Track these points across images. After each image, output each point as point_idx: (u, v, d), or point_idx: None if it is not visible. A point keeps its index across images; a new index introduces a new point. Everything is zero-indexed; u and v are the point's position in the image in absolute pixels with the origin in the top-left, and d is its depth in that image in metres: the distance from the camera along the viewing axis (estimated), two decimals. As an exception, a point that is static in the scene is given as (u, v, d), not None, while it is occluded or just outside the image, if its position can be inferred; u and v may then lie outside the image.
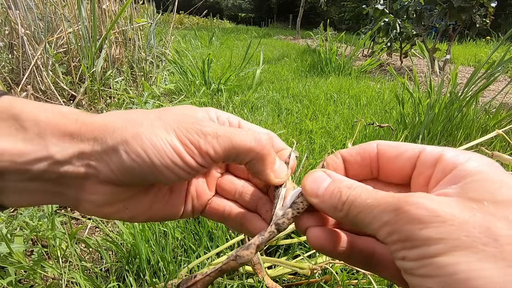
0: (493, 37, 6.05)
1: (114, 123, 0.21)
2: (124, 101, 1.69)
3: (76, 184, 0.21)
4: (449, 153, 0.17)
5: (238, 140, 0.21)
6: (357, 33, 4.39)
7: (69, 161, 0.20)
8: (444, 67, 3.27)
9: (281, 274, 0.62)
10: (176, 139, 0.20)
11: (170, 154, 0.20)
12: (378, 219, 0.16)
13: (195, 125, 0.21)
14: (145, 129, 0.20)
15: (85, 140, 0.20)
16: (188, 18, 8.30)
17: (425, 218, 0.14)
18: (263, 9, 28.77)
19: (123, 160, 0.20)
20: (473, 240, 0.13)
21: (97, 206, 0.22)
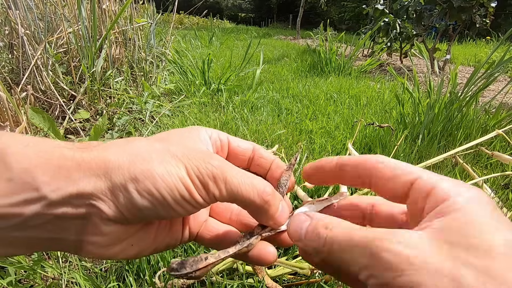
0: (493, 37, 6.05)
1: (118, 158, 0.19)
2: (124, 101, 1.69)
3: (77, 226, 0.19)
4: (443, 184, 0.17)
5: (243, 191, 0.21)
6: (357, 33, 4.39)
7: (67, 202, 0.18)
8: (444, 67, 3.27)
9: (281, 274, 0.62)
10: (187, 176, 0.20)
11: (181, 191, 0.20)
12: (358, 261, 0.16)
13: (205, 163, 0.21)
14: (155, 165, 0.20)
15: (85, 178, 0.19)
16: (188, 18, 8.30)
17: (399, 265, 0.14)
18: (263, 9, 28.77)
19: (133, 198, 0.19)
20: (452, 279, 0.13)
21: (101, 247, 0.20)
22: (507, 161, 0.68)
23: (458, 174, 0.99)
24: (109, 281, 0.62)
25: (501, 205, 0.80)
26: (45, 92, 1.50)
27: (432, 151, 1.20)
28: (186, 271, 0.21)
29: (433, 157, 0.94)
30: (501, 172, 1.05)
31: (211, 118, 1.56)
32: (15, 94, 1.22)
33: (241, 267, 0.61)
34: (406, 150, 1.16)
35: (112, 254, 0.21)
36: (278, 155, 0.89)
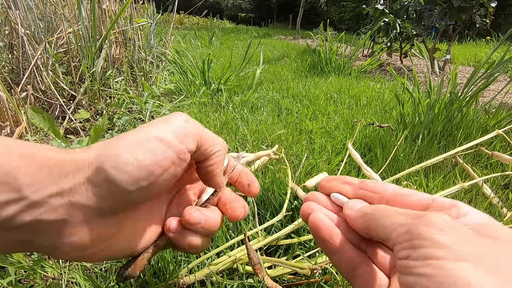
0: (493, 37, 6.05)
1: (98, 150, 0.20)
2: (124, 101, 1.69)
3: (53, 228, 0.18)
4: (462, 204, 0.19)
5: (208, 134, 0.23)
6: (357, 33, 4.38)
7: (46, 201, 0.18)
8: (444, 67, 3.27)
9: (281, 274, 0.62)
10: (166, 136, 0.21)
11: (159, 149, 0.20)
12: (398, 222, 0.17)
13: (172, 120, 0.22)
14: (127, 139, 0.20)
15: (65, 176, 0.19)
16: (188, 18, 8.30)
17: (443, 227, 0.15)
18: (263, 9, 28.76)
19: (115, 179, 0.19)
20: (478, 258, 0.14)
21: (76, 249, 0.19)
22: (507, 161, 0.68)
23: (458, 174, 0.99)
24: (109, 281, 0.62)
25: (501, 205, 0.80)
26: (45, 92, 1.50)
27: (432, 151, 1.20)
28: (122, 271, 0.22)
29: (433, 157, 0.94)
30: (501, 172, 1.05)
31: (211, 118, 1.56)
32: (15, 94, 1.22)
33: (241, 267, 0.61)
34: (406, 150, 1.16)
35: (88, 256, 0.20)
36: (278, 155, 0.89)
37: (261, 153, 0.84)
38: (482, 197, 0.88)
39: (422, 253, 0.15)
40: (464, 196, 0.89)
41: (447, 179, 0.98)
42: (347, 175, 0.26)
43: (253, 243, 0.64)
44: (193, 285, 0.61)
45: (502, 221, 0.75)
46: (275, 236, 0.63)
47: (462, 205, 0.19)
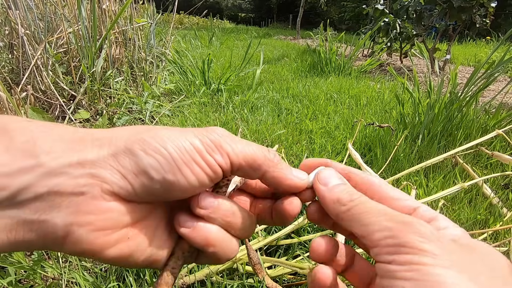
0: (493, 37, 6.05)
1: (123, 131, 0.19)
2: (124, 101, 1.69)
3: (69, 203, 0.17)
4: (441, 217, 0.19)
5: (252, 150, 0.21)
6: (357, 33, 4.38)
7: (64, 171, 0.16)
8: (444, 67, 3.27)
9: (281, 274, 0.62)
10: (196, 138, 0.19)
11: (191, 153, 0.19)
12: (381, 223, 0.17)
13: (212, 131, 0.20)
14: (162, 131, 0.19)
15: (87, 148, 0.17)
16: (188, 18, 8.30)
17: (429, 236, 0.16)
18: (263, 9, 28.77)
19: (139, 159, 0.18)
20: (462, 266, 0.15)
21: (92, 230, 0.17)
22: (507, 161, 0.68)
23: (458, 174, 0.99)
24: (109, 281, 0.62)
25: (501, 205, 0.80)
26: (45, 92, 1.50)
27: (432, 151, 1.20)
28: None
29: (433, 157, 0.94)
30: (501, 172, 1.05)
31: (211, 118, 1.56)
32: (15, 94, 1.22)
33: (241, 267, 0.61)
34: (406, 150, 1.16)
35: (103, 244, 0.18)
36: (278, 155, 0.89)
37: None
38: (482, 197, 0.88)
39: (407, 259, 0.15)
40: (464, 196, 0.89)
41: (447, 179, 0.98)
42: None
43: (253, 243, 0.64)
44: (193, 285, 0.61)
45: (502, 221, 0.75)
46: (275, 236, 0.63)
47: (442, 218, 0.19)
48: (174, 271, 0.21)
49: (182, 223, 0.20)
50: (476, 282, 0.14)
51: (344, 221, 0.19)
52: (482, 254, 0.16)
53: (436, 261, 0.15)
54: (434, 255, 0.15)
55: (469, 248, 0.16)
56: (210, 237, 0.20)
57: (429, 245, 0.15)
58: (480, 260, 0.16)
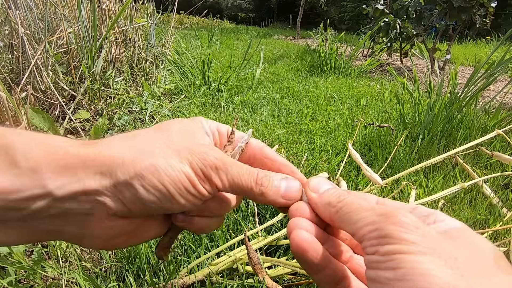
0: (493, 37, 6.05)
1: (122, 154, 0.20)
2: (124, 101, 1.69)
3: (79, 221, 0.20)
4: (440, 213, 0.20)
5: (243, 180, 0.23)
6: (357, 33, 4.38)
7: (72, 198, 0.19)
8: (444, 67, 3.27)
9: (281, 274, 0.62)
10: (191, 170, 0.21)
11: (186, 184, 0.21)
12: (366, 219, 0.18)
13: (207, 156, 0.22)
14: (159, 160, 0.21)
15: (90, 176, 0.19)
16: (188, 18, 8.30)
17: (407, 225, 0.16)
18: (263, 9, 28.76)
19: (139, 194, 0.20)
20: (439, 253, 0.15)
21: (103, 240, 0.21)
22: (507, 161, 0.68)
23: (458, 174, 0.99)
24: (109, 281, 0.62)
25: (501, 205, 0.80)
26: (45, 92, 1.50)
27: (432, 151, 1.20)
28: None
29: (433, 157, 0.94)
30: (501, 172, 1.05)
31: (211, 118, 1.55)
32: (15, 94, 1.22)
33: (241, 267, 0.61)
34: (406, 150, 1.16)
35: (113, 245, 0.22)
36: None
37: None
38: (482, 197, 0.88)
39: (388, 249, 0.16)
40: (464, 196, 0.89)
41: (447, 179, 0.98)
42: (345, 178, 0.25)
43: (253, 243, 0.64)
44: (193, 285, 0.61)
45: (502, 221, 0.75)
46: (275, 236, 0.63)
47: (440, 213, 0.20)
48: (172, 240, 0.27)
49: (181, 220, 0.24)
50: (453, 268, 0.15)
51: (336, 222, 0.20)
52: (468, 244, 0.16)
53: (414, 248, 0.15)
54: (413, 243, 0.15)
55: (454, 238, 0.17)
56: (203, 226, 0.24)
57: (409, 234, 0.16)
58: (462, 249, 0.16)
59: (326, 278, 0.22)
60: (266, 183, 0.23)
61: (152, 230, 0.24)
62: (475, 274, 0.15)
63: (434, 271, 0.14)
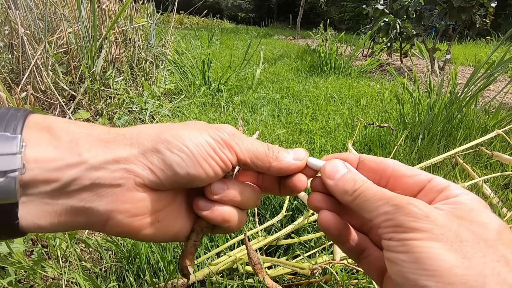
0: (493, 37, 6.05)
1: (148, 130, 0.22)
2: (124, 101, 1.69)
3: (109, 193, 0.21)
4: (453, 186, 0.22)
5: (257, 147, 0.25)
6: (357, 33, 4.39)
7: (103, 167, 0.20)
8: (444, 67, 3.27)
9: (281, 274, 0.62)
10: (210, 138, 0.23)
11: (207, 149, 0.22)
12: (381, 208, 0.20)
13: (223, 129, 0.24)
14: (181, 131, 0.22)
15: (120, 147, 0.21)
16: (188, 18, 8.30)
17: (417, 215, 0.18)
18: (263, 9, 28.76)
19: (165, 156, 0.21)
20: (446, 237, 0.17)
21: (129, 216, 0.21)
22: (507, 161, 0.68)
23: (458, 174, 0.99)
24: (109, 281, 0.62)
25: (501, 205, 0.80)
26: (45, 92, 1.50)
27: (432, 151, 1.20)
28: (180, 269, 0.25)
29: (433, 157, 0.94)
30: (501, 172, 1.05)
31: (211, 118, 1.56)
32: (15, 94, 1.22)
33: (241, 267, 0.61)
34: (406, 150, 1.16)
35: (137, 227, 0.22)
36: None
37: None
38: (482, 197, 0.88)
39: (402, 236, 0.18)
40: (464, 196, 0.89)
41: (447, 179, 0.98)
42: None
43: (253, 243, 0.64)
44: (193, 285, 0.61)
45: (502, 221, 0.75)
46: (275, 236, 0.63)
47: (454, 187, 0.22)
48: (196, 243, 0.26)
49: (202, 207, 0.24)
50: (457, 251, 0.17)
51: (354, 209, 0.22)
52: (474, 222, 0.19)
53: (424, 235, 0.18)
54: (423, 231, 0.18)
55: (460, 218, 0.19)
56: (225, 215, 0.25)
57: (419, 223, 0.18)
58: (468, 229, 0.18)
59: (350, 248, 0.25)
60: (277, 150, 0.25)
61: (177, 222, 0.25)
62: (475, 255, 0.17)
63: (441, 255, 0.17)
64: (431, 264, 0.17)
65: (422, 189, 0.23)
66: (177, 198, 0.25)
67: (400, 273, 0.18)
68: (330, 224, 0.24)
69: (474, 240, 0.17)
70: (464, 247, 0.17)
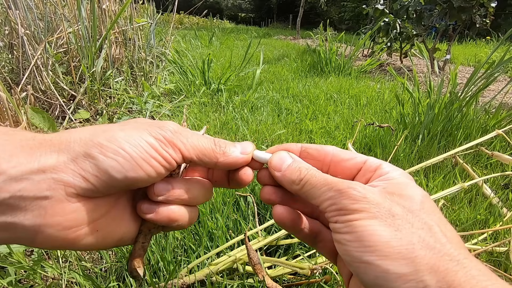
0: (493, 37, 6.05)
1: (80, 134, 0.20)
2: (124, 101, 1.69)
3: (35, 207, 0.18)
4: (385, 164, 0.24)
5: (203, 143, 0.24)
6: (357, 33, 4.38)
7: (26, 177, 0.18)
8: (444, 67, 3.27)
9: (281, 274, 0.62)
10: (151, 137, 0.21)
11: (147, 149, 0.21)
12: (325, 194, 0.22)
13: (166, 124, 0.23)
14: (117, 132, 0.20)
15: (47, 154, 0.19)
16: (188, 18, 8.30)
17: (357, 197, 0.20)
18: (263, 9, 28.75)
19: (100, 162, 0.19)
20: (381, 214, 0.19)
21: (62, 229, 0.19)
22: (507, 161, 0.68)
23: (458, 174, 0.99)
24: (109, 281, 0.62)
25: (501, 205, 0.80)
26: (45, 92, 1.50)
27: (432, 151, 1.20)
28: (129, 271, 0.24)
29: (433, 157, 0.94)
30: (501, 172, 1.05)
31: (211, 118, 1.56)
32: (15, 94, 1.22)
33: (241, 267, 0.61)
34: (406, 150, 1.16)
35: (73, 239, 0.20)
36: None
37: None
38: (482, 197, 0.88)
39: (345, 218, 0.20)
40: (464, 196, 0.89)
41: (447, 179, 0.98)
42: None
43: (253, 243, 0.64)
44: (193, 285, 0.61)
45: (502, 221, 0.75)
46: (275, 236, 0.63)
47: (385, 165, 0.24)
48: (144, 245, 0.24)
49: (145, 211, 0.23)
50: (391, 225, 0.19)
51: (302, 196, 0.23)
52: (402, 196, 0.21)
53: (363, 215, 0.19)
54: (361, 212, 0.20)
55: (392, 194, 0.21)
56: (171, 216, 0.23)
57: (358, 204, 0.20)
58: (398, 203, 0.20)
59: (305, 236, 0.26)
60: (224, 144, 0.25)
61: (120, 227, 0.23)
62: (405, 226, 0.19)
63: (378, 231, 0.19)
64: (370, 241, 0.19)
65: (359, 170, 0.25)
66: (120, 202, 0.23)
67: (346, 251, 0.20)
68: (284, 217, 0.25)
69: (403, 212, 0.20)
70: (396, 221, 0.19)
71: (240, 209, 0.82)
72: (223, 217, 0.76)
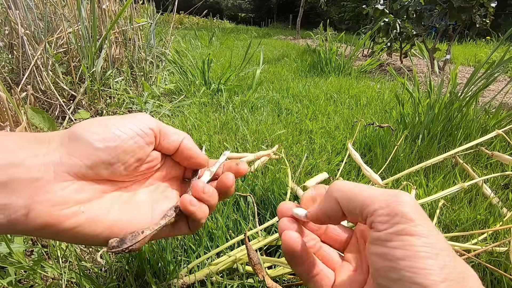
0: (493, 37, 6.05)
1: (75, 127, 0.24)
2: (124, 101, 1.69)
3: (28, 188, 0.20)
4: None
5: None
6: (357, 33, 4.38)
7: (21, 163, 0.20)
8: (444, 67, 3.27)
9: (281, 274, 0.62)
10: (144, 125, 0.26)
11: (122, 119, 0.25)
12: (378, 199, 0.20)
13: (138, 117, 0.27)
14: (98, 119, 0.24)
15: (39, 144, 0.22)
16: (188, 18, 8.30)
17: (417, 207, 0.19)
18: (263, 9, 28.75)
19: (82, 137, 0.22)
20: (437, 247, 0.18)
21: (51, 205, 0.21)
22: (507, 161, 0.68)
23: (458, 174, 0.99)
24: (109, 281, 0.62)
25: (501, 205, 0.80)
26: (45, 92, 1.50)
27: (432, 151, 1.20)
28: (127, 245, 0.23)
29: (433, 157, 0.94)
30: (501, 172, 1.05)
31: (211, 118, 1.56)
32: (15, 94, 1.22)
33: (241, 267, 0.61)
34: (406, 150, 1.16)
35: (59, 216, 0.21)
36: (278, 155, 0.89)
37: (261, 153, 0.84)
38: (482, 197, 0.88)
39: (397, 229, 0.18)
40: (464, 196, 0.89)
41: (447, 179, 0.98)
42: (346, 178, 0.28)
43: (253, 243, 0.64)
44: (193, 285, 0.61)
45: (502, 221, 0.75)
46: (275, 236, 0.63)
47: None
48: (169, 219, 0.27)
49: (193, 203, 0.26)
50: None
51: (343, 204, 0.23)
52: None
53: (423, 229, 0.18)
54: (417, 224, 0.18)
55: None
56: (206, 213, 0.27)
57: (418, 215, 0.19)
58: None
59: (305, 270, 0.25)
60: None
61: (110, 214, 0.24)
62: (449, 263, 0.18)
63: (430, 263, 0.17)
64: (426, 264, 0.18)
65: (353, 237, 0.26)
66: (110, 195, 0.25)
67: (392, 269, 0.19)
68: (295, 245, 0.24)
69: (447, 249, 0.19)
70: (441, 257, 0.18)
71: (240, 209, 0.82)
72: (223, 217, 0.76)
